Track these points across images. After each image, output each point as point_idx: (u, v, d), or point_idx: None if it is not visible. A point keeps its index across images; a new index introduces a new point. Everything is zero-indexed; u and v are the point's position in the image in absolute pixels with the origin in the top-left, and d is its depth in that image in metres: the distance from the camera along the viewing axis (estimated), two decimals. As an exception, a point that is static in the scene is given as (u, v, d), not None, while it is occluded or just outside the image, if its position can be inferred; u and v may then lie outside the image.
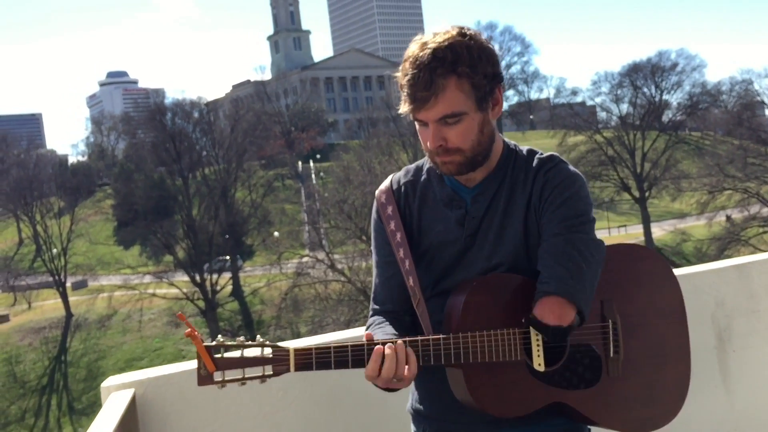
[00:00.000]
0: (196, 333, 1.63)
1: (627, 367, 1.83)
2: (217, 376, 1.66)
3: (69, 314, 47.66)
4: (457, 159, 1.78)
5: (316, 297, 37.28)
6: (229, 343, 1.68)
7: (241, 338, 1.70)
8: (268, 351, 1.67)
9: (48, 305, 50.00)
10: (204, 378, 1.66)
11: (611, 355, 1.82)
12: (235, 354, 1.67)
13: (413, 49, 1.76)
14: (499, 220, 1.83)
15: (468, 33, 1.76)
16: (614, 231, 53.45)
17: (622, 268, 1.89)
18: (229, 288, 48.61)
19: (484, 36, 1.80)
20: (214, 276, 46.95)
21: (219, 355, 1.66)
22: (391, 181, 1.98)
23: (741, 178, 43.07)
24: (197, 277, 46.19)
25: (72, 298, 48.81)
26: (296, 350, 1.67)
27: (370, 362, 1.67)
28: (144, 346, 43.01)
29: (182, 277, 46.64)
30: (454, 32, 1.75)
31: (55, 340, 45.67)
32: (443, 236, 1.87)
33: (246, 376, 1.67)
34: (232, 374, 1.67)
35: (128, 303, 44.39)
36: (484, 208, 1.85)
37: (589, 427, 1.94)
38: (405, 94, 1.75)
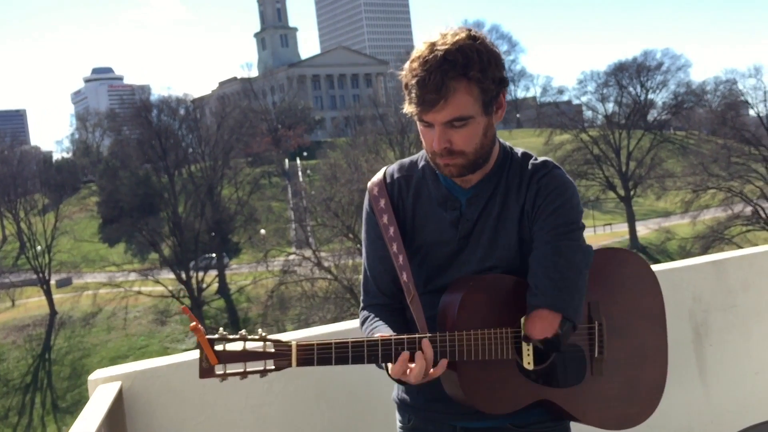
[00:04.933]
0: (200, 326, 1.64)
1: (610, 367, 1.89)
2: (219, 369, 1.66)
3: (53, 312, 47.29)
4: (459, 162, 1.80)
5: (302, 295, 37.22)
6: (232, 336, 1.68)
7: (243, 332, 1.70)
8: (269, 345, 1.68)
9: (32, 303, 49.58)
10: (206, 370, 1.66)
11: (596, 355, 1.87)
12: (237, 347, 1.67)
13: (422, 49, 1.74)
14: (494, 224, 1.86)
15: (477, 36, 1.75)
16: (599, 229, 53.74)
17: (607, 272, 1.94)
18: (215, 286, 48.41)
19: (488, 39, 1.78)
20: (200, 273, 46.74)
21: (221, 349, 1.66)
22: (385, 174, 1.98)
23: (725, 177, 43.40)
24: (183, 275, 45.95)
25: (56, 296, 48.42)
26: (299, 346, 1.69)
27: (397, 365, 1.71)
28: (129, 344, 42.77)
29: (168, 275, 46.38)
30: (464, 34, 1.74)
31: (39, 337, 45.32)
32: (437, 236, 1.89)
33: (248, 369, 1.67)
34: (233, 368, 1.67)
35: (113, 301, 44.05)
36: (478, 210, 1.87)
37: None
38: (413, 94, 1.74)
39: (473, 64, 1.72)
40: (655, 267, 3.39)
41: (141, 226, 48.74)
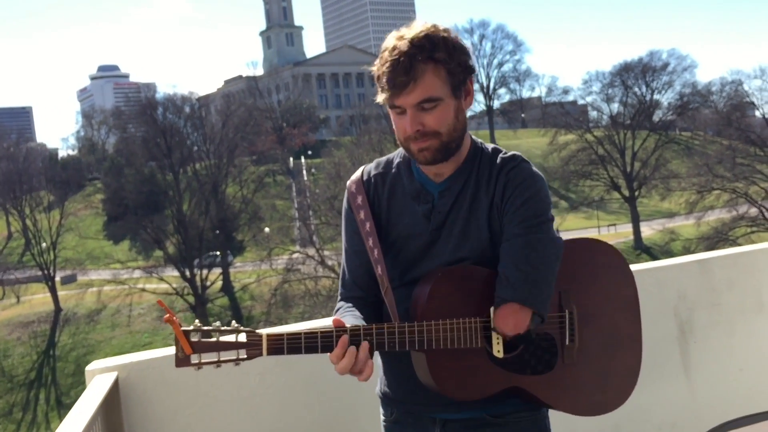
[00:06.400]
0: (175, 318, 1.71)
1: (581, 355, 1.92)
2: (194, 358, 1.73)
3: (58, 308, 47.40)
4: (434, 144, 1.86)
5: (305, 293, 37.28)
6: (206, 327, 1.75)
7: (218, 323, 1.78)
8: (242, 336, 1.75)
9: (37, 299, 49.71)
10: (181, 360, 1.74)
11: (567, 343, 1.91)
12: (211, 338, 1.75)
13: (390, 41, 1.85)
14: (465, 215, 1.91)
15: (443, 28, 1.87)
16: (603, 230, 53.64)
17: (580, 261, 1.97)
18: (219, 283, 48.46)
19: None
20: (204, 271, 46.79)
21: (196, 339, 1.74)
22: (362, 172, 2.06)
23: (729, 178, 43.27)
24: (187, 273, 46.04)
25: (61, 293, 48.50)
26: (269, 335, 1.76)
27: (336, 349, 1.76)
28: (133, 341, 42.85)
29: (172, 272, 46.47)
30: (429, 25, 1.86)
31: (44, 334, 45.43)
32: (410, 229, 1.95)
33: (221, 358, 1.74)
34: (208, 357, 1.75)
35: (117, 298, 44.19)
36: (450, 203, 1.93)
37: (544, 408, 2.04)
38: (383, 81, 1.84)
39: (439, 48, 1.82)
40: (641, 265, 3.47)
41: (146, 224, 48.84)
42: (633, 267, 2.11)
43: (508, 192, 1.89)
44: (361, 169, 2.09)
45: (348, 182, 2.07)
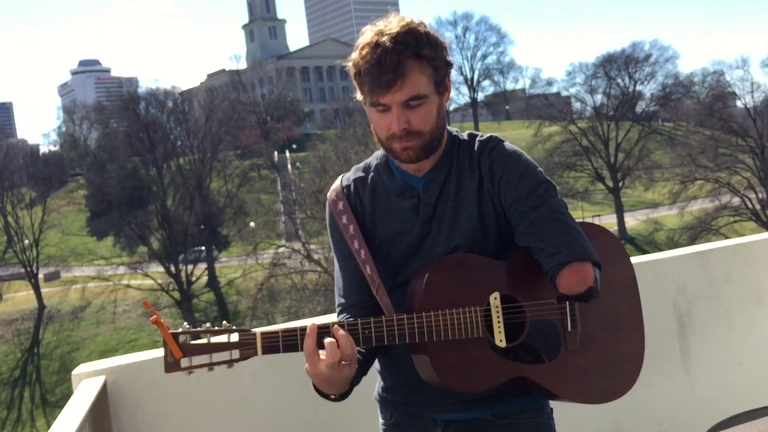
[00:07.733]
0: (162, 320, 1.62)
1: (584, 341, 1.87)
2: (184, 362, 1.64)
3: (41, 306, 47.08)
4: (418, 143, 1.82)
5: (292, 287, 37.27)
6: (196, 329, 1.66)
7: (208, 324, 1.69)
8: (234, 336, 1.67)
9: (20, 297, 49.34)
10: (171, 365, 1.64)
11: (569, 329, 1.86)
12: (202, 339, 1.66)
13: (369, 36, 1.78)
14: (453, 204, 1.88)
15: (417, 21, 1.83)
16: (588, 220, 53.92)
17: None
18: (205, 279, 48.31)
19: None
20: (190, 267, 46.65)
21: (185, 342, 1.65)
22: (341, 180, 2.04)
23: (712, 168, 43.75)
24: (172, 268, 45.85)
25: (44, 290, 48.18)
26: (263, 333, 1.68)
27: (329, 348, 1.69)
28: (118, 337, 42.64)
29: (157, 268, 46.25)
30: (408, 19, 1.80)
31: (28, 332, 45.12)
32: (399, 226, 1.91)
33: (213, 361, 1.65)
34: (199, 360, 1.65)
35: (102, 294, 43.93)
36: (436, 194, 1.89)
37: (551, 407, 2.00)
38: (367, 79, 1.77)
39: (424, 44, 1.78)
40: (639, 258, 3.43)
41: (129, 220, 48.56)
42: (631, 260, 2.06)
43: (497, 173, 1.87)
44: (339, 177, 2.07)
45: (329, 192, 2.04)
